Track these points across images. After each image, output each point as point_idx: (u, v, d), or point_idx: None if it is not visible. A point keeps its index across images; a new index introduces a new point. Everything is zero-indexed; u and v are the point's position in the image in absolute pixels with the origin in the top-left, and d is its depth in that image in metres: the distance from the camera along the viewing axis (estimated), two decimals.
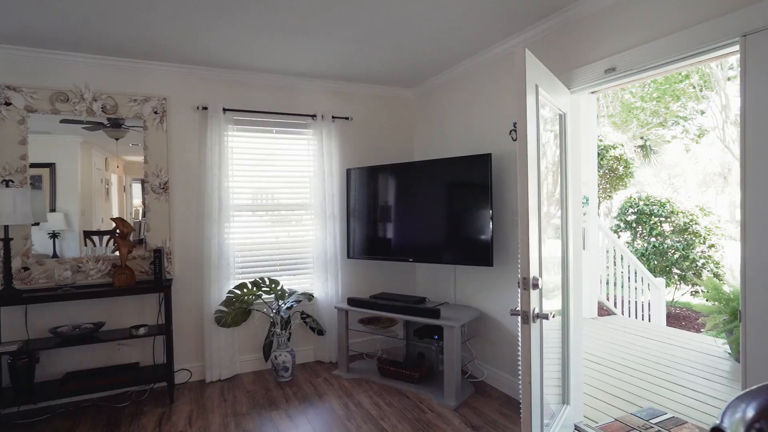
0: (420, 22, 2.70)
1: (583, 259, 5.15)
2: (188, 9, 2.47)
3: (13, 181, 2.99)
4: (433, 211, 3.43)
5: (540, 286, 1.94)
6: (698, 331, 5.22)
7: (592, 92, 2.78)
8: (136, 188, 3.46)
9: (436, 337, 3.30)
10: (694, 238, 6.34)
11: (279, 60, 3.33)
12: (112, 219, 3.20)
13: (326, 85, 3.90)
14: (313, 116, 3.80)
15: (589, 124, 5.16)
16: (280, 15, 2.57)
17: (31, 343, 2.95)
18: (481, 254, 3.16)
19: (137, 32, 2.78)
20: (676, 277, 6.42)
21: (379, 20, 2.66)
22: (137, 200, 3.47)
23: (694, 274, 6.21)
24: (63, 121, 3.17)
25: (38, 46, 2.98)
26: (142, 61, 3.30)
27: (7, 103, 2.99)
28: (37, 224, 3.10)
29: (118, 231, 3.16)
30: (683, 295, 6.88)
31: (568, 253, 2.53)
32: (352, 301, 3.53)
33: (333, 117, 3.85)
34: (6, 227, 2.88)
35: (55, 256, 3.17)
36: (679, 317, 6.51)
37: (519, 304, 1.90)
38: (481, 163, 3.13)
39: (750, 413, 0.70)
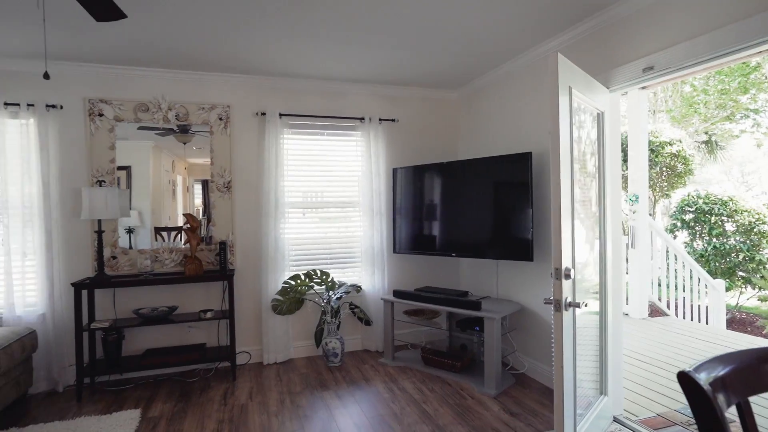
0: (463, 28, 2.85)
1: (633, 258, 5.06)
2: (252, 25, 2.77)
3: (104, 181, 3.45)
4: (477, 208, 3.56)
5: (572, 277, 2.04)
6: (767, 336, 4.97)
7: (642, 87, 2.79)
8: (197, 188, 3.83)
9: (477, 328, 3.43)
10: (761, 239, 6.00)
11: (330, 68, 3.59)
12: (185, 215, 3.59)
13: (373, 89, 4.12)
14: (362, 119, 4.04)
15: (639, 120, 5.06)
16: (332, 28, 2.81)
17: (118, 321, 3.39)
18: (522, 249, 3.25)
19: (206, 48, 3.13)
20: (740, 280, 6.10)
21: (424, 29, 2.84)
22: (198, 199, 3.85)
23: (762, 277, 5.88)
24: (140, 128, 3.59)
25: (124, 64, 3.42)
26: (210, 72, 3.67)
27: (100, 114, 3.46)
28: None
29: (188, 225, 3.55)
30: (749, 299, 6.51)
31: (606, 249, 2.59)
32: (397, 293, 3.74)
33: (380, 119, 4.07)
34: (99, 221, 3.33)
35: (130, 249, 3.60)
36: (744, 322, 6.18)
37: (552, 294, 2.02)
38: (522, 161, 3.23)
39: (722, 372, 0.83)
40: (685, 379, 0.77)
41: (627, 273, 5.19)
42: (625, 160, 5.44)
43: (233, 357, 3.49)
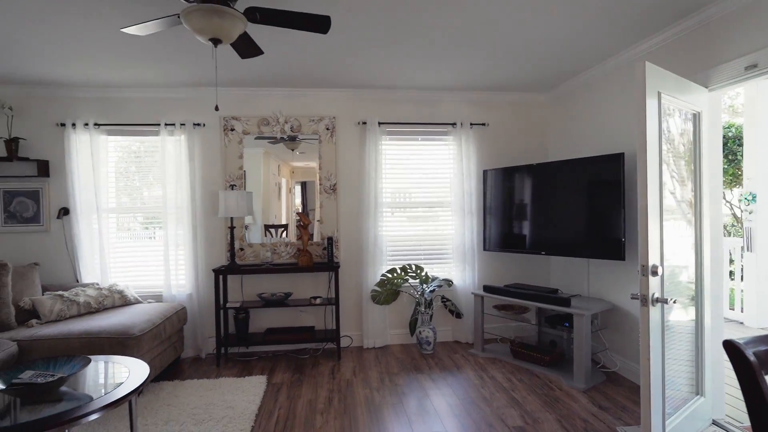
0: (552, 36, 3.00)
1: (750, 262, 4.68)
2: (358, 50, 3.18)
3: (235, 185, 4.12)
4: (568, 208, 3.64)
5: (660, 274, 2.13)
6: None
7: None
8: (297, 189, 4.35)
9: (567, 324, 3.52)
10: None
11: (424, 79, 3.91)
12: (298, 213, 4.15)
13: (465, 95, 4.36)
14: (453, 124, 4.30)
15: (757, 113, 4.67)
16: (426, 48, 3.12)
17: (245, 303, 4.03)
18: (614, 249, 3.29)
19: (318, 68, 3.61)
20: None
21: (510, 40, 3.03)
22: (297, 200, 4.37)
23: None
24: (256, 138, 4.20)
25: (251, 86, 4.05)
26: (318, 89, 4.19)
27: (232, 129, 4.13)
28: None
29: (300, 222, 4.09)
30: None
31: (703, 250, 2.57)
32: (487, 288, 3.94)
33: (471, 124, 4.30)
34: (231, 219, 4.00)
35: (249, 244, 4.23)
36: None
37: (639, 289, 2.13)
38: (614, 162, 3.27)
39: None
40: (730, 347, 0.95)
41: (741, 278, 4.82)
42: (732, 158, 5.03)
43: (338, 339, 3.96)
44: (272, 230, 4.30)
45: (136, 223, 4.20)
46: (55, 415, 1.83)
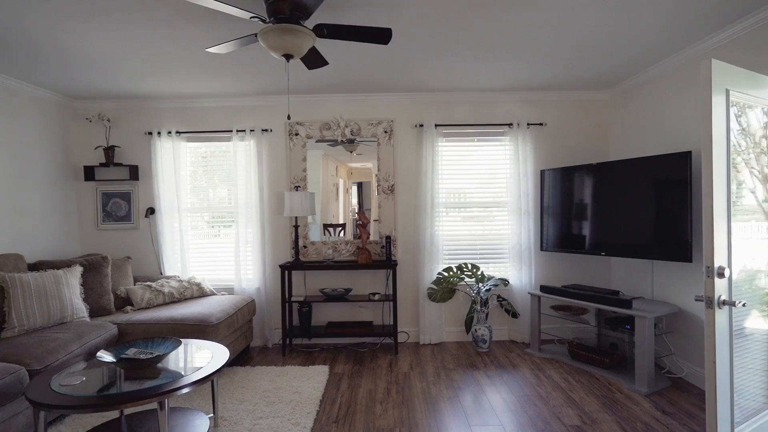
0: (615, 32, 2.96)
1: None
2: (417, 56, 3.31)
3: (299, 186, 4.40)
4: (630, 207, 3.56)
5: (726, 276, 2.08)
6: None
7: None
8: (354, 190, 4.54)
9: (628, 327, 3.44)
10: None
11: (480, 80, 3.96)
12: (358, 213, 4.34)
13: (521, 95, 4.36)
14: (510, 124, 4.31)
15: None
16: (483, 53, 3.19)
17: (308, 297, 4.29)
18: (680, 250, 3.18)
19: (377, 74, 3.78)
20: None
21: (569, 40, 3.03)
22: (354, 199, 4.56)
23: None
24: (317, 141, 4.44)
25: (313, 93, 4.31)
26: (377, 93, 4.36)
27: (296, 134, 4.41)
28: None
29: (360, 222, 4.29)
30: None
31: None
32: (545, 289, 3.93)
33: (528, 124, 4.29)
34: (296, 218, 4.27)
35: (312, 242, 4.47)
36: None
37: (704, 291, 2.09)
38: (681, 160, 3.16)
39: None
40: None
41: None
42: None
43: (395, 334, 4.11)
44: (330, 229, 4.53)
45: (203, 222, 4.59)
46: (156, 386, 2.12)
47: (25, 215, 3.85)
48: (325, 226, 4.51)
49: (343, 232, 4.51)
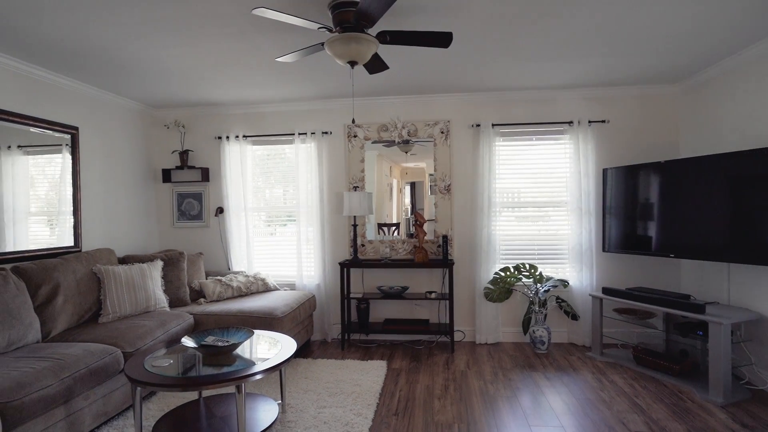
0: (687, 22, 2.83)
1: None
2: (474, 57, 3.33)
3: (357, 187, 4.54)
4: (704, 207, 3.37)
5: None
6: None
7: None
8: (407, 189, 4.60)
9: (701, 333, 3.27)
10: None
11: (539, 78, 3.91)
12: (415, 213, 4.42)
13: (582, 92, 4.24)
14: (570, 122, 4.22)
15: None
16: (542, 49, 3.16)
17: (366, 294, 4.42)
18: (763, 252, 2.98)
19: (434, 76, 3.84)
20: None
21: (635, 34, 2.93)
22: (407, 199, 4.61)
23: None
24: (373, 142, 4.55)
25: (371, 96, 4.43)
26: (434, 94, 4.42)
27: (355, 136, 4.56)
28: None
29: (417, 221, 4.36)
30: None
31: None
32: (607, 291, 3.81)
33: (589, 121, 4.18)
34: (354, 217, 4.41)
35: (369, 241, 4.60)
36: None
37: None
38: (765, 157, 2.96)
39: None
40: None
41: None
42: None
43: (452, 333, 4.14)
44: (385, 228, 4.63)
45: (260, 221, 4.84)
46: (233, 371, 2.31)
47: (114, 214, 4.27)
48: (380, 226, 4.63)
49: (397, 231, 4.60)
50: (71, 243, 3.73)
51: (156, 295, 3.65)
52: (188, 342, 2.57)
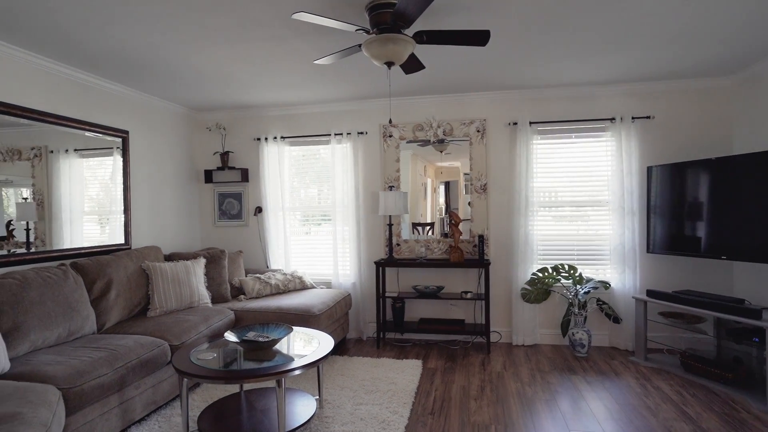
0: (742, 10, 2.69)
1: None
2: (512, 55, 3.28)
3: (393, 187, 4.56)
4: (761, 206, 3.19)
5: None
6: None
7: None
8: (441, 189, 4.56)
9: (757, 339, 3.09)
10: None
11: (578, 74, 3.80)
12: (450, 213, 4.40)
13: (625, 88, 4.10)
14: (612, 119, 4.08)
15: None
16: (581, 45, 3.07)
17: (401, 293, 4.43)
18: None
19: (469, 74, 3.81)
20: None
21: (687, 23, 2.80)
22: (441, 198, 4.58)
23: None
24: (408, 141, 4.55)
25: (406, 95, 4.44)
26: (469, 93, 4.38)
27: (390, 136, 4.58)
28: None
29: (452, 221, 4.33)
30: None
31: None
32: (652, 293, 3.67)
33: (633, 117, 4.03)
34: (389, 217, 4.43)
35: (404, 240, 4.60)
36: None
37: None
38: None
39: None
40: None
41: None
42: None
43: (488, 334, 4.09)
44: (419, 228, 4.63)
45: (295, 220, 4.93)
46: (274, 366, 2.38)
47: (161, 213, 4.47)
48: (414, 225, 4.63)
49: (431, 230, 4.59)
50: (122, 240, 3.94)
51: (199, 291, 3.79)
52: (230, 337, 2.67)
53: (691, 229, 3.67)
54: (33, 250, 3.16)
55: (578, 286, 3.96)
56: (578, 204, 4.29)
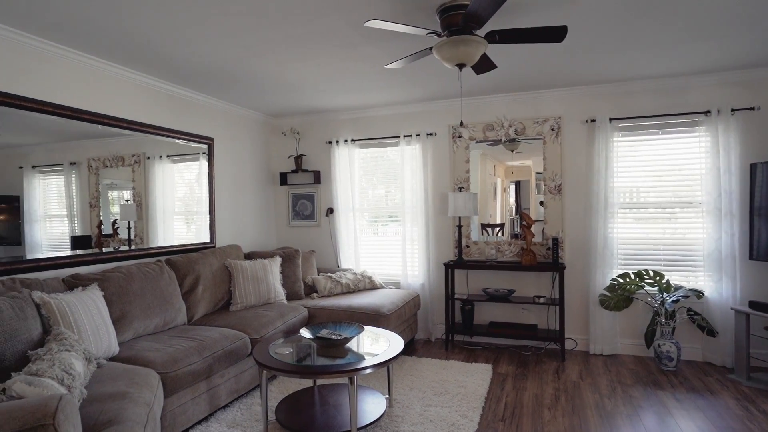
0: None
1: None
2: (585, 46, 3.11)
3: (462, 188, 4.51)
4: None
5: None
6: None
7: None
8: (511, 189, 4.40)
9: None
10: None
11: (665, 66, 3.51)
12: (522, 214, 4.26)
13: (722, 77, 3.72)
14: (706, 112, 3.72)
15: None
16: (667, 34, 2.83)
17: (470, 296, 4.37)
18: None
19: (542, 71, 3.66)
20: None
21: None
22: (511, 198, 4.41)
23: None
24: (477, 141, 4.46)
25: (476, 95, 4.36)
26: (542, 90, 4.21)
27: (459, 136, 4.53)
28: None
29: (524, 222, 4.19)
30: None
31: None
32: (755, 305, 3.30)
33: (732, 110, 3.65)
34: (459, 218, 4.39)
35: (474, 242, 4.52)
36: None
37: None
38: None
39: None
40: None
41: None
42: None
43: (562, 340, 3.91)
44: (488, 229, 4.52)
45: (363, 221, 5.01)
46: (347, 363, 2.45)
47: (241, 214, 4.78)
48: (483, 226, 4.54)
49: (501, 232, 4.47)
50: (207, 239, 4.26)
51: (275, 288, 4.00)
52: (305, 333, 2.79)
53: None
54: (133, 247, 3.52)
55: (665, 294, 3.66)
56: (664, 205, 3.97)
